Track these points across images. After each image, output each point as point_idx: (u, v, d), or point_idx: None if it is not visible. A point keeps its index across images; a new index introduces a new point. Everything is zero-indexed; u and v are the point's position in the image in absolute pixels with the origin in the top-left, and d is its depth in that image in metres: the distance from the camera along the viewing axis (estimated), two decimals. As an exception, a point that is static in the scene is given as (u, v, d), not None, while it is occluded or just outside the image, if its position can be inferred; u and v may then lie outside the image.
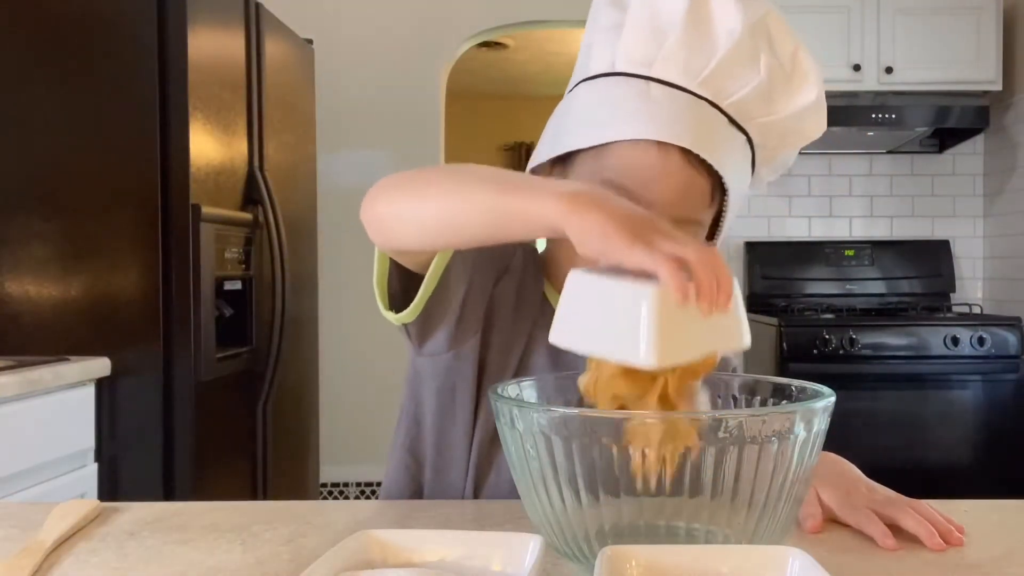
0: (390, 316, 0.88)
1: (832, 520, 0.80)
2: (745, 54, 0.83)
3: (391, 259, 0.85)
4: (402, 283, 0.88)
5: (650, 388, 0.63)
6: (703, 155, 0.82)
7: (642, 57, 0.84)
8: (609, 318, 0.61)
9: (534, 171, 0.95)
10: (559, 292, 0.94)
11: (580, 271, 0.65)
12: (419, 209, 0.73)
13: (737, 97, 0.84)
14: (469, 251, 0.88)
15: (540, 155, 0.93)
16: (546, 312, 0.95)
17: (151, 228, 2.12)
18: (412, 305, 0.87)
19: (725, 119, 0.84)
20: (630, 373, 0.63)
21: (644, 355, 0.58)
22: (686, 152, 0.82)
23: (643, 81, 0.84)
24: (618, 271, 0.61)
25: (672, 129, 0.81)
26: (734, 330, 0.63)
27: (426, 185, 0.74)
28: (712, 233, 0.93)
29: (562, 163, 0.91)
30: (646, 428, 0.59)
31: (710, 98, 0.84)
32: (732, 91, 0.84)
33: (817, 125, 0.90)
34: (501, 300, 0.94)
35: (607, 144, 0.85)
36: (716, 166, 0.83)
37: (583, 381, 0.67)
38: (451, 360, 0.94)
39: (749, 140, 0.87)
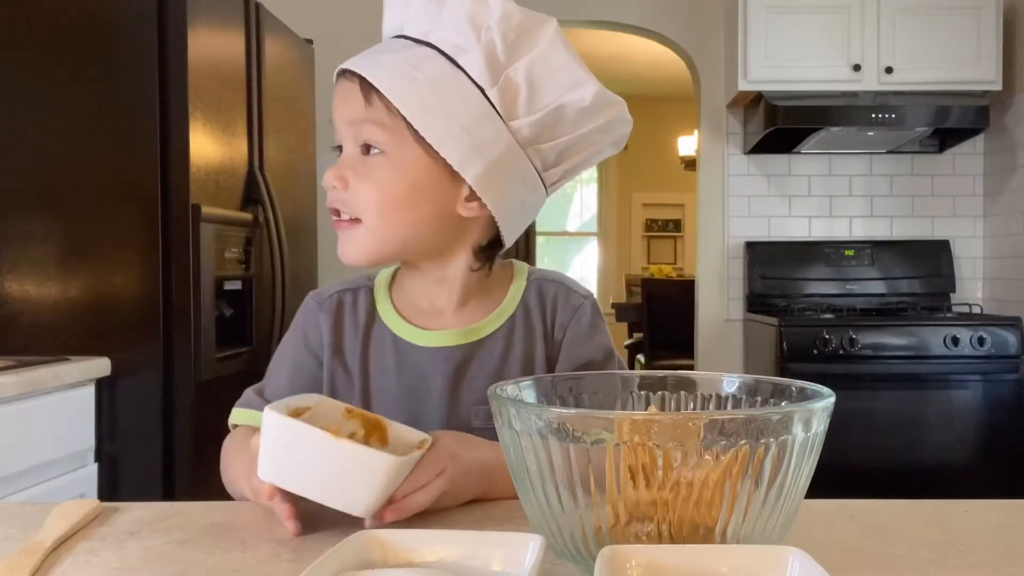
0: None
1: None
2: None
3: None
4: None
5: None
6: (350, 67, 0.99)
7: (398, 22, 1.01)
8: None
9: None
10: (397, 312, 1.05)
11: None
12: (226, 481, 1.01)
13: (445, 35, 0.95)
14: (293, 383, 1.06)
15: None
16: (375, 322, 1.07)
17: (151, 228, 2.12)
18: None
19: (435, 51, 0.96)
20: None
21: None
22: (350, 73, 0.99)
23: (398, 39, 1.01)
24: None
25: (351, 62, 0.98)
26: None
27: (226, 459, 1.04)
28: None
29: None
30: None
31: (423, 39, 0.97)
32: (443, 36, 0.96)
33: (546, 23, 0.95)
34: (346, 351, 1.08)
35: None
36: (359, 70, 0.97)
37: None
38: None
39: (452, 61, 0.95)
